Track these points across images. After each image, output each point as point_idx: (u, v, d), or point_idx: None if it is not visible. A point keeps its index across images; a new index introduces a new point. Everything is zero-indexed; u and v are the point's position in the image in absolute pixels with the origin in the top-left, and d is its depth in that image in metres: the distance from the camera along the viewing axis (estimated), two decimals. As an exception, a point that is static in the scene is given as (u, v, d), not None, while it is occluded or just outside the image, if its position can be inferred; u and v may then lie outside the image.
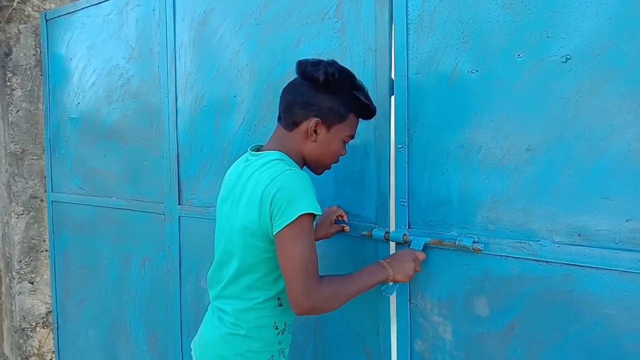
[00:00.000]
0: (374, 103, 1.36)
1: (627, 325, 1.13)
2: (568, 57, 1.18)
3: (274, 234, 1.18)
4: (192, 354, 1.38)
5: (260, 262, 1.24)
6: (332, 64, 1.26)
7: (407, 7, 1.45)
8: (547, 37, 1.21)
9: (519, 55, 1.26)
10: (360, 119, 1.36)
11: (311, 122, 1.26)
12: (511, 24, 1.26)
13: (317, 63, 1.25)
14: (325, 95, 1.26)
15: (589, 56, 1.16)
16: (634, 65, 1.10)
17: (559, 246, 1.22)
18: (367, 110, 1.33)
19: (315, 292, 1.17)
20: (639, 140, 1.10)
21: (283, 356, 1.32)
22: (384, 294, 1.38)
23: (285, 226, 1.16)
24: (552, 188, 1.22)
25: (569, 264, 1.20)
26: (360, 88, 1.31)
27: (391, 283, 1.35)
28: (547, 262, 1.24)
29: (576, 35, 1.17)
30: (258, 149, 1.36)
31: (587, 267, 1.18)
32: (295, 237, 1.16)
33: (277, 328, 1.29)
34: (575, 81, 1.18)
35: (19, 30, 2.75)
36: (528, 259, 1.26)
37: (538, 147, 1.24)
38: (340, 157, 1.37)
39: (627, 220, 1.13)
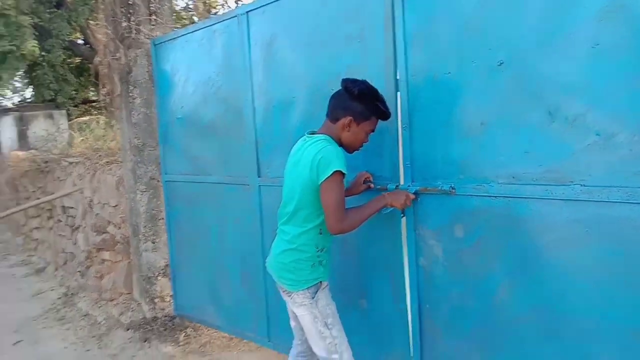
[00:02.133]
0: (389, 108, 2.05)
1: (543, 231, 1.77)
2: (502, 62, 1.82)
3: (319, 184, 1.93)
4: (266, 266, 2.17)
5: (309, 203, 1.99)
6: (364, 82, 1.99)
7: (404, 32, 2.12)
8: (489, 49, 1.86)
9: (473, 62, 1.91)
10: (380, 120, 2.07)
11: (347, 120, 2.00)
12: (471, 41, 1.92)
13: (354, 81, 1.99)
14: (357, 102, 1.98)
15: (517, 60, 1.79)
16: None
17: (501, 186, 1.86)
18: (384, 115, 2.05)
19: (343, 219, 1.91)
20: (543, 122, 1.73)
21: (321, 265, 2.06)
22: (383, 212, 2.09)
23: (325, 179, 1.90)
24: (496, 148, 1.87)
25: (508, 197, 1.85)
26: (381, 100, 2.02)
27: (389, 208, 2.06)
28: (495, 196, 1.88)
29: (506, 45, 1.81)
30: (312, 132, 2.11)
31: (519, 197, 1.82)
32: (330, 186, 1.91)
33: (317, 247, 2.04)
34: (507, 77, 1.81)
35: (136, 54, 3.68)
36: (484, 195, 1.91)
37: (488, 122, 1.89)
38: (364, 143, 2.09)
39: (539, 166, 1.76)
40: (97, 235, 4.58)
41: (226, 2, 6.60)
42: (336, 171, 1.89)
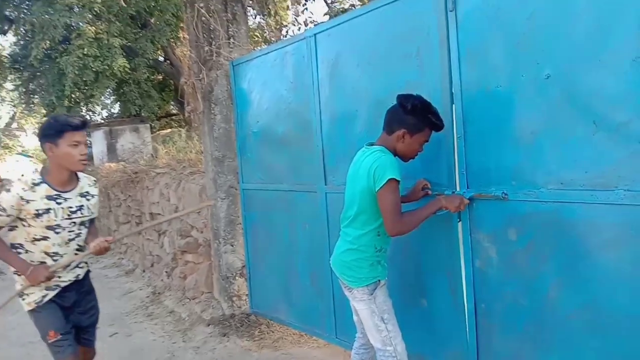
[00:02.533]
0: (443, 119, 2.23)
1: (590, 234, 1.88)
2: (549, 75, 1.96)
3: (376, 191, 2.14)
4: (330, 264, 2.41)
5: (368, 207, 2.21)
6: (418, 97, 2.19)
7: (458, 50, 2.29)
8: (537, 63, 1.99)
9: (522, 75, 2.05)
10: (433, 131, 2.25)
11: (401, 132, 2.20)
12: (520, 57, 2.06)
13: (409, 97, 2.19)
14: (411, 116, 2.19)
15: (563, 73, 1.92)
16: (581, 79, 1.84)
17: (550, 191, 1.98)
18: (437, 127, 2.23)
19: (399, 222, 2.11)
20: (588, 131, 1.84)
21: (379, 264, 2.26)
22: (438, 214, 2.25)
23: (381, 186, 2.11)
24: (545, 156, 1.99)
25: (557, 202, 1.97)
26: (434, 112, 2.21)
27: (444, 210, 2.22)
28: (545, 202, 2.01)
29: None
30: (371, 144, 2.33)
31: (567, 202, 1.94)
32: (386, 192, 2.11)
33: (375, 248, 2.25)
34: (555, 89, 1.94)
35: (216, 75, 4.08)
36: (534, 201, 2.04)
37: (537, 131, 2.02)
38: (418, 153, 2.28)
39: (585, 172, 1.87)
40: (182, 239, 5.04)
41: (296, 20, 6.98)
42: (390, 179, 2.10)
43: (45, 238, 2.40)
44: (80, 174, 2.54)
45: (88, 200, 2.53)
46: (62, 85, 11.51)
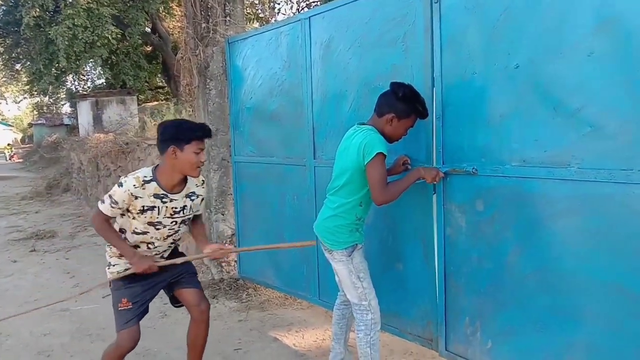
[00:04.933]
0: (428, 109, 2.47)
1: (546, 206, 2.16)
2: (518, 65, 2.21)
3: (365, 164, 2.38)
4: (314, 228, 2.66)
5: (356, 180, 2.46)
6: (409, 86, 2.42)
7: (440, 38, 2.53)
8: (508, 54, 2.25)
9: (494, 64, 2.30)
10: (418, 119, 2.50)
11: (390, 115, 2.44)
12: (494, 47, 2.31)
13: (401, 85, 2.42)
14: (401, 103, 2.42)
15: (530, 64, 2.18)
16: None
17: (514, 168, 2.26)
18: (422, 115, 2.48)
19: (385, 192, 2.36)
20: (549, 115, 2.11)
21: (357, 231, 2.52)
22: (417, 181, 2.50)
23: (370, 160, 2.36)
24: (511, 137, 2.26)
25: (519, 177, 2.24)
26: (421, 102, 2.45)
27: (422, 180, 2.48)
28: (509, 177, 2.28)
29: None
30: (362, 124, 2.57)
31: (527, 177, 2.21)
32: (374, 165, 2.36)
33: (356, 216, 2.50)
34: (522, 78, 2.20)
35: (212, 51, 4.26)
36: (500, 176, 2.31)
37: (505, 114, 2.28)
38: (402, 137, 2.52)
39: (544, 151, 2.14)
40: (173, 207, 5.25)
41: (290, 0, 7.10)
42: (378, 153, 2.35)
43: (144, 233, 2.47)
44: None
45: (192, 200, 2.54)
46: (49, 53, 11.48)
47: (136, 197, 2.37)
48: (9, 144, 35.84)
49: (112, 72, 12.93)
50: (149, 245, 2.53)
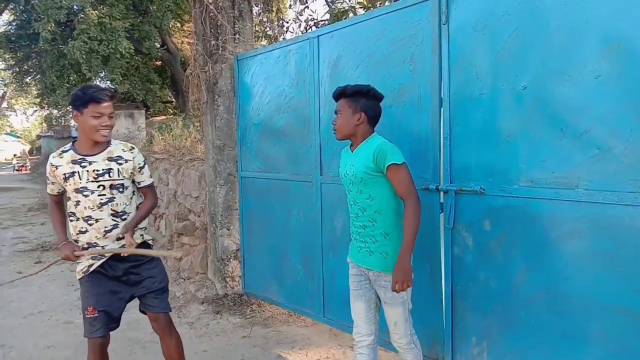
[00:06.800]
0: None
1: (553, 226, 2.16)
2: (525, 86, 2.23)
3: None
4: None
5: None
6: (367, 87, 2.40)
7: (448, 59, 2.56)
8: (516, 75, 2.26)
9: (502, 85, 2.32)
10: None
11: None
12: (502, 68, 2.33)
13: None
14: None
15: (537, 85, 2.19)
16: (552, 92, 2.12)
17: (522, 188, 2.26)
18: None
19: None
20: (556, 137, 2.12)
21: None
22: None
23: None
24: (518, 157, 2.27)
25: (527, 197, 2.25)
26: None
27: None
28: (516, 197, 2.29)
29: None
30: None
31: (535, 198, 2.21)
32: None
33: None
34: (530, 99, 2.21)
35: (221, 67, 4.30)
36: (507, 196, 2.32)
37: (514, 135, 2.29)
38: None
39: (552, 172, 2.15)
40: (179, 222, 5.26)
41: (298, 18, 7.20)
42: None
43: (77, 203, 2.47)
44: (113, 141, 2.56)
45: (120, 164, 2.51)
46: (60, 67, 11.64)
47: (57, 167, 2.47)
48: (15, 155, 36.17)
49: (124, 86, 13.08)
50: (89, 221, 2.47)
